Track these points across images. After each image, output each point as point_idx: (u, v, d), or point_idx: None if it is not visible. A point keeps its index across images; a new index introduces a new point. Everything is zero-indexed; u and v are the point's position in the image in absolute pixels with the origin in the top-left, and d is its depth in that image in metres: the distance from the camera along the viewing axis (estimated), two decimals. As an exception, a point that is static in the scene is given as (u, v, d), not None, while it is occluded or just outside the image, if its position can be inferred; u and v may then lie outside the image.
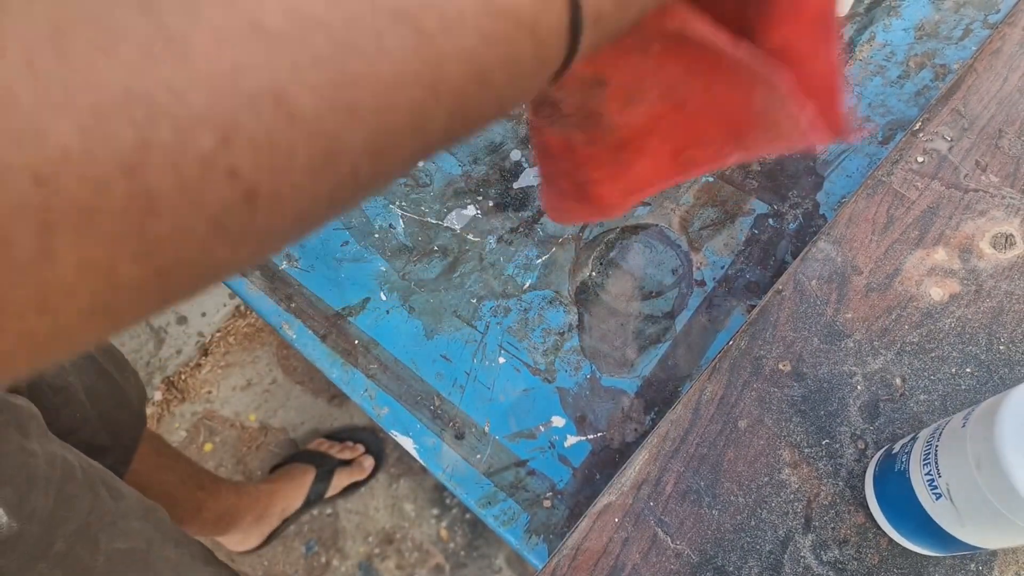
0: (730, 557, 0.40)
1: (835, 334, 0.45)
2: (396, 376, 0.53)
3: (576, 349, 0.52)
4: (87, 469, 0.57)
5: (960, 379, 0.43)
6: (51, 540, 0.51)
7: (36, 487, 0.51)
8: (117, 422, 0.71)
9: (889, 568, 0.39)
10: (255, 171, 0.14)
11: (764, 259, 0.54)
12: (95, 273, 0.13)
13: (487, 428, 0.50)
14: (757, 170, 0.58)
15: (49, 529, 0.51)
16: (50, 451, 0.54)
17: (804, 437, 0.42)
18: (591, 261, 0.56)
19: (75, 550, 0.54)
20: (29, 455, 0.51)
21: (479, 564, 1.15)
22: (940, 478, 0.33)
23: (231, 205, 0.14)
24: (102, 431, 0.69)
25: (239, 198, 0.14)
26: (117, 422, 0.71)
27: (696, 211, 0.57)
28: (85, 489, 0.56)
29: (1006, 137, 0.50)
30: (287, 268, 0.58)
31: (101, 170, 0.13)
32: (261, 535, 1.14)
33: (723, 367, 0.45)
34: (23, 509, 0.49)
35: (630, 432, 0.49)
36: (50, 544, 0.51)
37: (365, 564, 1.17)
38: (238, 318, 1.39)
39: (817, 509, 0.41)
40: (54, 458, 0.54)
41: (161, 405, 1.32)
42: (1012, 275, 0.46)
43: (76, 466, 0.56)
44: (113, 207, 0.13)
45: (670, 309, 0.53)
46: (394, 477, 1.22)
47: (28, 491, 0.50)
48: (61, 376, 0.64)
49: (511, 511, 0.47)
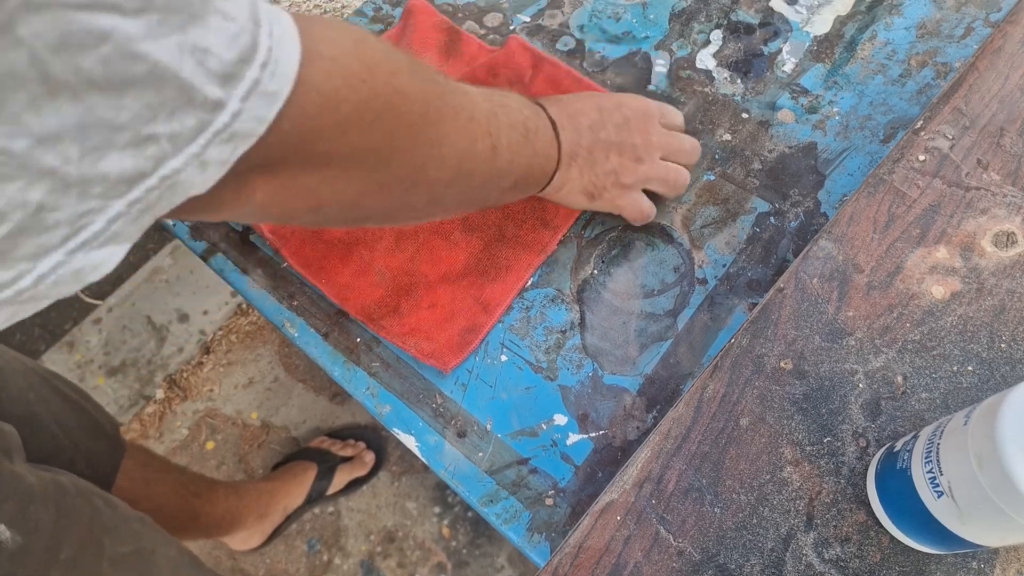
0: (732, 555, 0.40)
1: (836, 332, 0.45)
2: (398, 374, 0.53)
3: (578, 347, 0.52)
4: (77, 483, 0.57)
5: (961, 377, 0.43)
6: (57, 549, 0.51)
7: (35, 502, 0.51)
8: (93, 451, 0.71)
9: (891, 566, 0.39)
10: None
11: (766, 257, 0.54)
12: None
13: (489, 426, 0.50)
14: (758, 169, 0.58)
15: (54, 539, 0.51)
16: (37, 472, 0.54)
17: (806, 435, 0.43)
18: (593, 259, 0.56)
19: (82, 556, 0.54)
20: (20, 476, 0.51)
21: (481, 562, 1.15)
22: (942, 476, 0.33)
23: (487, 171, 0.41)
24: (78, 459, 0.68)
25: (488, 166, 0.42)
26: (93, 451, 0.71)
27: (698, 209, 0.57)
28: (81, 500, 0.56)
29: (1007, 135, 0.50)
30: (288, 266, 0.58)
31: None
32: (264, 533, 1.14)
33: (725, 365, 0.45)
34: (26, 523, 0.49)
35: (632, 430, 0.49)
36: (57, 553, 0.51)
37: (367, 562, 1.17)
38: (240, 316, 1.39)
39: (819, 507, 0.41)
40: (43, 477, 0.54)
41: (163, 403, 1.33)
42: (1013, 273, 0.46)
43: (66, 483, 0.56)
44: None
45: (672, 307, 0.53)
46: (396, 475, 1.23)
47: (28, 505, 0.50)
48: (24, 407, 0.64)
49: (513, 509, 0.47)
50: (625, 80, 0.64)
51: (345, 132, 0.30)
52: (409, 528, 1.19)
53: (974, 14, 0.62)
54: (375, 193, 0.35)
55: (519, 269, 0.55)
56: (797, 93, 0.61)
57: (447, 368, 0.51)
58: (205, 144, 0.24)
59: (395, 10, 0.72)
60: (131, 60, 0.20)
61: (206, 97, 0.23)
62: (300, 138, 0.28)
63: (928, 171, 0.50)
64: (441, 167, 0.37)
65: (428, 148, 0.36)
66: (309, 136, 0.29)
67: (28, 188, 0.20)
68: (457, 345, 0.52)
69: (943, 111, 0.52)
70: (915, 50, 0.61)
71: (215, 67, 0.23)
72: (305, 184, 0.31)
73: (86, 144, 0.21)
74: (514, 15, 0.70)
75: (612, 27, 0.68)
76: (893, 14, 0.63)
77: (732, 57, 0.64)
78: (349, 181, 0.33)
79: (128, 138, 0.22)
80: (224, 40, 0.23)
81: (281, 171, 0.30)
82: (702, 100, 0.62)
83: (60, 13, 0.19)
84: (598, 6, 0.69)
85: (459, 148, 0.38)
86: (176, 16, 0.21)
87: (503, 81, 0.62)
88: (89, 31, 0.19)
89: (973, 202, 0.48)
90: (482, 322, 0.53)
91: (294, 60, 0.26)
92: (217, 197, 0.27)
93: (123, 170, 0.22)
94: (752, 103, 0.61)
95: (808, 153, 0.58)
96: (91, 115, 0.20)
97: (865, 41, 0.62)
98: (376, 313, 0.54)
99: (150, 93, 0.21)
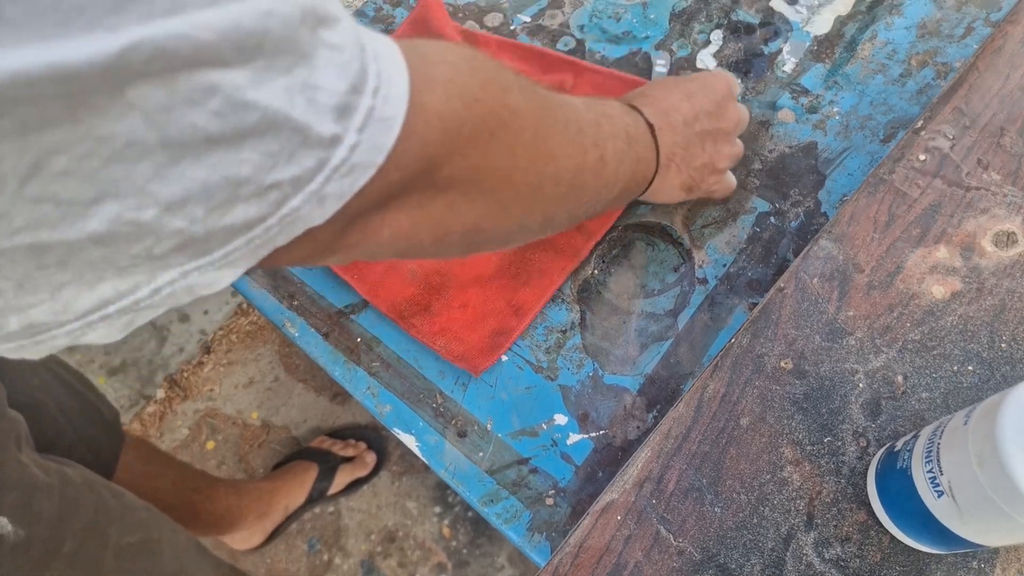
0: (732, 555, 0.40)
1: (837, 332, 0.45)
2: (398, 374, 0.53)
3: (578, 347, 0.52)
4: (84, 474, 0.58)
5: (962, 377, 0.43)
6: (60, 541, 0.51)
7: (39, 492, 0.51)
8: (94, 438, 0.71)
9: (891, 566, 0.39)
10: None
11: (766, 257, 0.54)
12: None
13: (489, 426, 0.50)
14: (759, 168, 0.58)
15: (57, 530, 0.51)
16: (42, 462, 0.54)
17: (806, 435, 0.43)
18: (593, 259, 0.56)
19: (85, 547, 0.54)
20: (25, 466, 0.51)
21: (481, 562, 1.15)
22: (942, 476, 0.33)
23: (594, 176, 0.40)
24: (80, 445, 0.68)
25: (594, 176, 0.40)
26: (94, 438, 0.71)
27: (698, 209, 0.57)
28: (86, 490, 0.57)
29: (1008, 135, 0.50)
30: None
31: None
32: (264, 532, 1.14)
33: (725, 365, 0.45)
34: (29, 514, 0.49)
35: (632, 430, 0.49)
36: (60, 545, 0.51)
37: (367, 562, 1.17)
38: (240, 316, 1.39)
39: (819, 507, 0.41)
40: (48, 467, 0.54)
41: (163, 403, 1.33)
42: (1014, 273, 0.46)
43: (72, 474, 0.56)
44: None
45: (672, 307, 0.53)
46: (396, 475, 1.23)
47: (32, 495, 0.50)
48: (27, 393, 0.64)
49: (513, 509, 0.47)
50: (625, 80, 0.64)
51: (465, 154, 0.30)
52: (409, 528, 1.19)
53: (974, 14, 0.62)
54: (496, 215, 0.34)
55: (552, 274, 0.54)
56: (797, 93, 0.61)
57: (476, 371, 0.51)
58: (324, 181, 0.23)
59: (395, 10, 0.72)
60: (243, 110, 0.20)
61: (321, 135, 0.22)
62: (423, 164, 0.28)
63: (928, 171, 0.50)
64: (557, 182, 0.37)
65: (543, 164, 0.35)
66: (431, 161, 0.28)
67: (155, 245, 0.21)
68: (487, 348, 0.52)
69: (943, 111, 0.52)
70: (915, 50, 0.61)
71: (327, 101, 0.22)
72: (431, 213, 0.31)
73: (211, 203, 0.21)
74: (514, 15, 0.70)
75: (612, 27, 0.68)
76: (893, 14, 0.63)
77: (732, 57, 0.64)
78: (472, 205, 0.32)
79: (252, 190, 0.22)
80: (334, 73, 0.22)
81: (406, 203, 0.29)
82: (702, 100, 0.62)
83: (166, 76, 0.18)
84: (598, 6, 0.69)
85: (572, 162, 0.37)
86: (284, 58, 0.21)
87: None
88: (196, 87, 0.19)
89: (973, 202, 0.48)
90: (513, 326, 0.53)
91: (403, 82, 0.25)
92: (345, 238, 0.27)
93: (247, 219, 0.22)
94: (752, 103, 0.61)
95: (808, 153, 0.58)
96: (215, 174, 0.20)
97: (865, 41, 0.62)
98: (407, 311, 0.54)
99: (267, 140, 0.21)
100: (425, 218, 0.31)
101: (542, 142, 0.35)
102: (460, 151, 0.29)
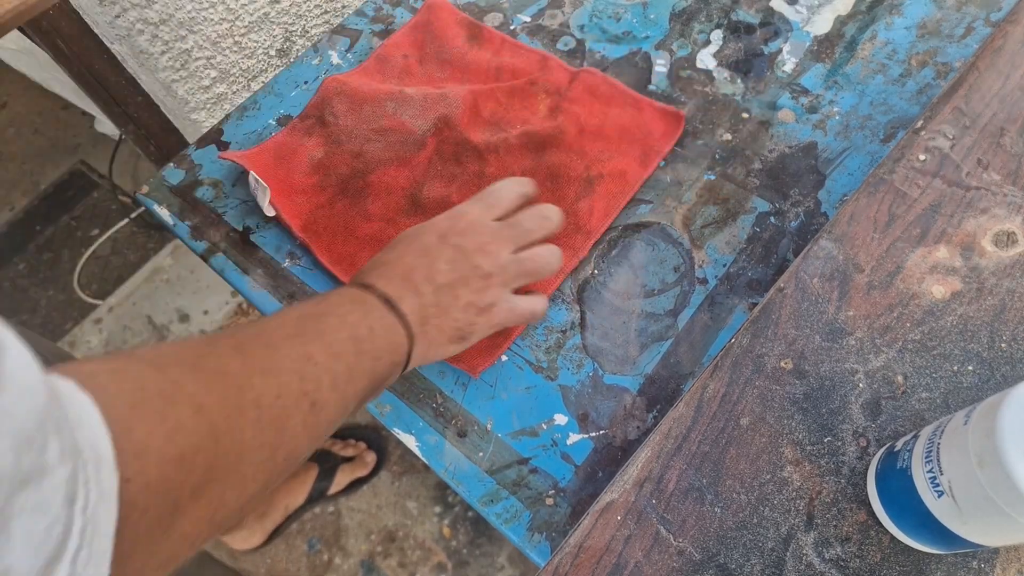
0: (732, 555, 0.40)
1: (837, 332, 0.45)
2: (399, 374, 0.53)
3: (578, 347, 0.52)
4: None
5: (962, 377, 0.43)
6: None
7: None
8: None
9: (891, 566, 0.39)
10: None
11: (766, 257, 0.54)
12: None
13: (489, 426, 0.50)
14: (759, 168, 0.58)
15: None
16: None
17: (806, 435, 0.43)
18: (593, 259, 0.56)
19: None
20: None
21: (481, 562, 1.15)
22: (942, 476, 0.33)
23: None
24: None
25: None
26: None
27: (698, 209, 0.57)
28: None
29: (1008, 135, 0.50)
30: (289, 266, 0.58)
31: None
32: (264, 532, 1.14)
33: (725, 365, 0.45)
34: None
35: (632, 430, 0.49)
36: None
37: (367, 562, 1.17)
38: (240, 316, 1.39)
39: (819, 507, 0.41)
40: None
41: (164, 403, 1.33)
42: (1014, 273, 0.46)
43: None
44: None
45: (672, 307, 0.53)
46: (396, 475, 1.23)
47: None
48: None
49: (513, 509, 0.47)
50: (626, 80, 0.64)
51: (176, 495, 0.27)
52: (410, 528, 1.19)
53: (974, 13, 0.62)
54: (231, 496, 0.32)
55: None
56: (797, 93, 0.61)
57: (475, 373, 0.51)
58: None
59: (395, 10, 0.72)
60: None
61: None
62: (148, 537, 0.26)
63: (928, 171, 0.50)
64: (273, 459, 0.34)
65: (256, 466, 0.33)
66: (154, 528, 0.26)
67: None
68: (486, 349, 0.52)
69: (943, 111, 0.52)
70: (915, 50, 0.61)
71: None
72: (166, 548, 0.28)
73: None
74: (514, 15, 0.70)
75: (612, 27, 0.68)
76: (893, 14, 0.63)
77: (732, 57, 0.64)
78: (206, 527, 0.30)
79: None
80: (32, 546, 0.19)
81: (148, 550, 0.27)
82: (702, 100, 0.62)
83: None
84: (598, 6, 0.69)
85: (279, 440, 0.34)
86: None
87: (540, 90, 0.62)
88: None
89: (973, 202, 0.48)
90: (512, 326, 0.53)
91: (110, 526, 0.22)
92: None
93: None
94: (752, 103, 0.61)
95: (808, 153, 0.58)
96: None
97: (865, 41, 0.62)
98: None
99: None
100: (165, 551, 0.28)
101: (242, 454, 0.32)
102: (170, 503, 0.27)
